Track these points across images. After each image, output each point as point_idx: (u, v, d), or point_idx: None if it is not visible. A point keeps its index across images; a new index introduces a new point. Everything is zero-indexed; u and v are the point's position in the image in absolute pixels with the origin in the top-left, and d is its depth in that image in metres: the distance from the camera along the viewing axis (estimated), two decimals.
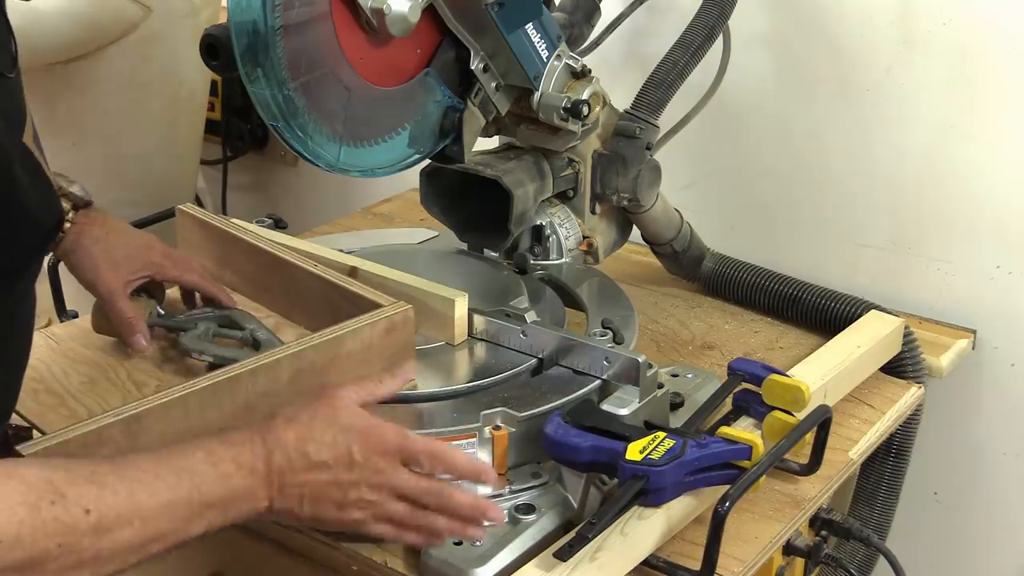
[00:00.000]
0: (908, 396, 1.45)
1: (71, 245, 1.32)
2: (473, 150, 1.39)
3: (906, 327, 1.49)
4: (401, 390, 1.19)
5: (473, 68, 1.32)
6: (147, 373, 1.33)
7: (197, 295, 1.41)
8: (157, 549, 0.86)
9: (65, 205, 1.29)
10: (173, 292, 1.45)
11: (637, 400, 1.17)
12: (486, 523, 1.02)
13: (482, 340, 1.30)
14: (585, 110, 1.39)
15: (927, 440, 1.59)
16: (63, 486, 0.80)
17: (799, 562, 1.30)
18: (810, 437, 1.19)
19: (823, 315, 1.54)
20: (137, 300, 1.36)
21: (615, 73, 1.71)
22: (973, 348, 1.62)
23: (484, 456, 1.14)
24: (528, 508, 1.10)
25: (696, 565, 1.07)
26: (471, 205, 1.50)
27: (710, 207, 1.80)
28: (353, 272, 1.33)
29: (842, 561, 1.31)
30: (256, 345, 1.30)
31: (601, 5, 1.60)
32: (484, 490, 1.12)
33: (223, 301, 1.38)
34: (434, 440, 1.01)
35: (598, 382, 1.22)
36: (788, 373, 1.27)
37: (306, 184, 2.45)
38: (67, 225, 1.30)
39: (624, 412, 1.16)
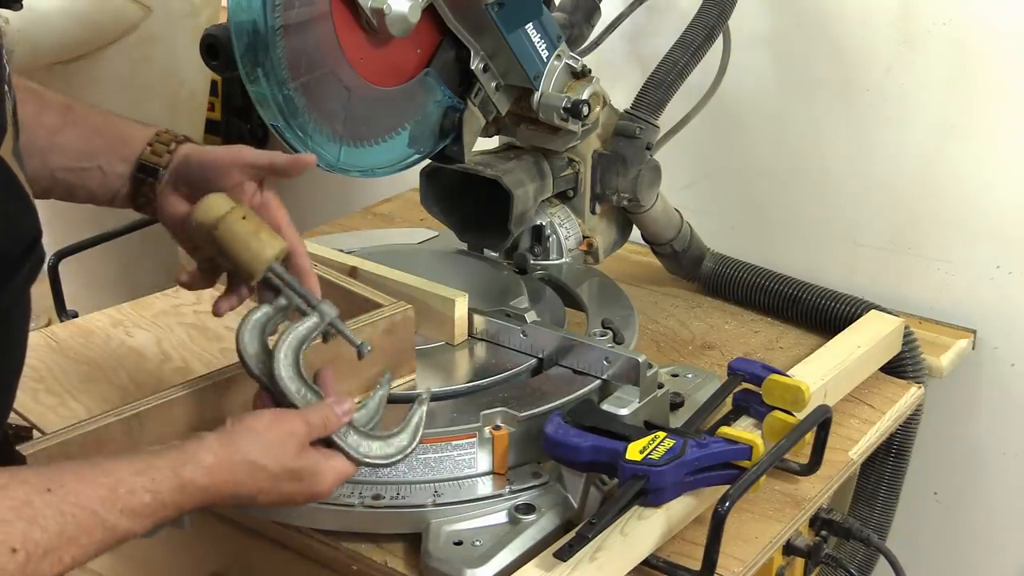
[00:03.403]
0: (908, 396, 1.45)
1: (182, 158, 1.14)
2: (473, 150, 1.39)
3: (906, 327, 1.49)
4: (401, 390, 1.20)
5: (473, 68, 1.32)
6: (147, 373, 1.33)
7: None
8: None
9: (167, 137, 1.17)
10: None
11: (637, 400, 1.17)
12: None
13: (482, 340, 1.30)
14: (585, 110, 1.39)
15: (927, 440, 1.59)
16: None
17: (799, 562, 1.30)
18: (810, 437, 1.19)
19: (823, 315, 1.54)
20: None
21: (615, 73, 1.71)
22: (973, 348, 1.62)
23: (484, 456, 1.14)
24: (528, 508, 1.10)
25: (696, 565, 1.07)
26: (471, 205, 1.50)
27: (710, 207, 1.80)
28: (353, 272, 1.33)
29: (842, 561, 1.31)
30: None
31: (601, 5, 1.60)
32: (484, 489, 1.12)
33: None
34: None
35: (598, 382, 1.22)
36: (788, 373, 1.27)
37: (306, 184, 2.44)
38: (173, 146, 1.16)
39: (624, 412, 1.16)
